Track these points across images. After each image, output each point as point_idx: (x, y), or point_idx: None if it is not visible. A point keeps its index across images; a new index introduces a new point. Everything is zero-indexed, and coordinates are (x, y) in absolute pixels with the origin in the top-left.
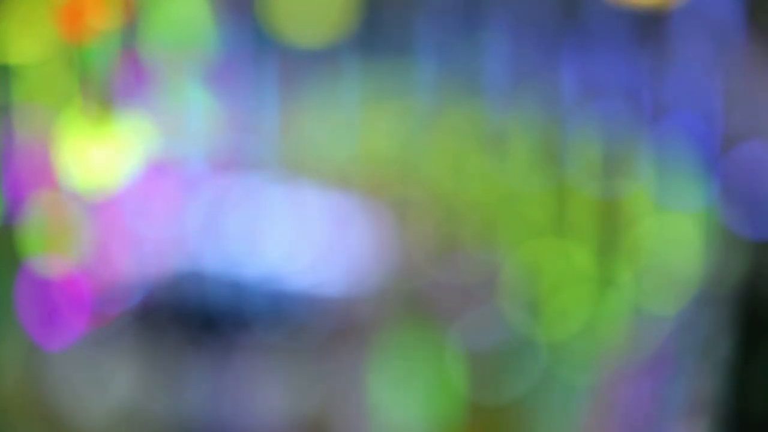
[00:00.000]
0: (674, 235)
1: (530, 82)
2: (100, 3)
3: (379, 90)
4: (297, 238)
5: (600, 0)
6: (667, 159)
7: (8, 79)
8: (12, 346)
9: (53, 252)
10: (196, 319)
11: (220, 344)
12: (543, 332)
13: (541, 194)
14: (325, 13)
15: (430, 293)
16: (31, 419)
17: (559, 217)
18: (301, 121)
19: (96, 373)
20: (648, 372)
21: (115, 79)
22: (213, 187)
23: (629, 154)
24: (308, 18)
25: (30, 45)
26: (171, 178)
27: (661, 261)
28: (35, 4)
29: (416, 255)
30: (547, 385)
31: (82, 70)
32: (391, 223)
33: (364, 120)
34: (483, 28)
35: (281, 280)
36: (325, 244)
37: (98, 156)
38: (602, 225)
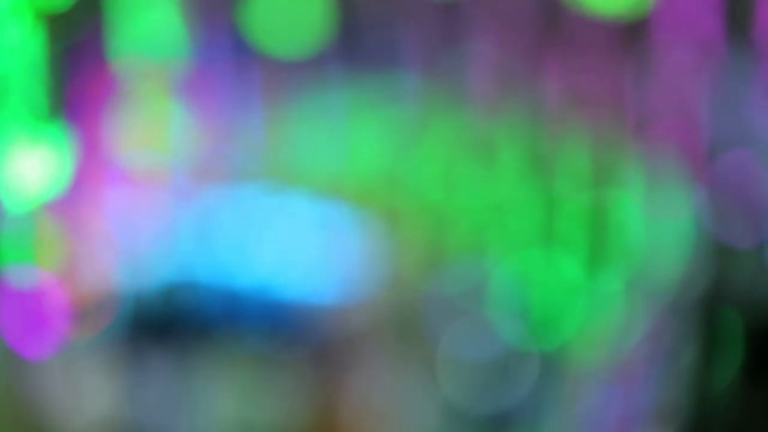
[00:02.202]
0: (661, 243)
1: (516, 91)
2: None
3: (366, 100)
4: (288, 248)
5: (583, 10)
6: (653, 168)
7: None
8: None
9: (31, 262)
10: (189, 329)
11: (212, 354)
12: (533, 342)
13: (529, 204)
14: (304, 23)
15: (420, 303)
16: (15, 429)
17: (548, 227)
18: (289, 132)
19: (83, 384)
20: (627, 379)
21: (83, 89)
22: (204, 198)
23: (615, 163)
24: (287, 28)
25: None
26: (157, 188)
27: (648, 269)
28: None
29: (406, 265)
30: (537, 395)
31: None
32: (380, 233)
33: (351, 130)
34: (468, 38)
35: (273, 290)
36: (316, 254)
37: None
38: (591, 234)
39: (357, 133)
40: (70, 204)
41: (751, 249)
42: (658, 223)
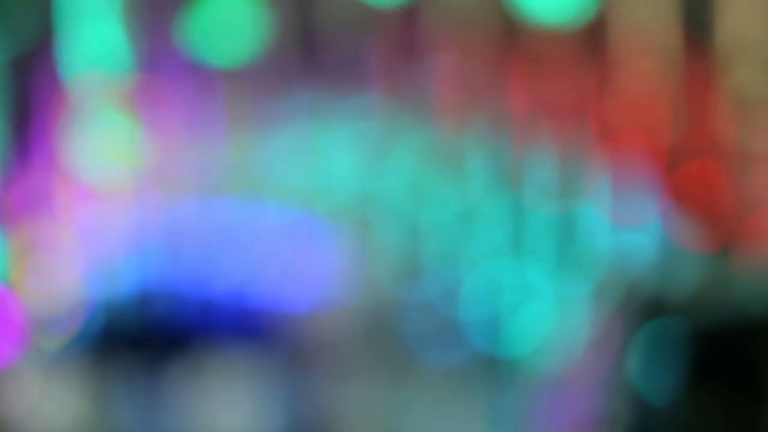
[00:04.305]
0: (624, 251)
1: (481, 104)
2: None
3: (336, 114)
4: (261, 258)
5: (539, 22)
6: (616, 177)
7: None
8: None
9: None
10: (163, 338)
11: (187, 362)
12: (503, 349)
13: (496, 213)
14: (251, 33)
15: (392, 310)
16: None
17: (516, 236)
18: (261, 145)
19: (52, 393)
20: (581, 383)
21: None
22: (177, 209)
23: (580, 173)
24: (234, 39)
25: None
26: (122, 200)
27: (612, 277)
28: None
29: (378, 273)
30: (507, 400)
31: None
32: (352, 242)
33: (322, 143)
34: (431, 52)
35: (246, 299)
36: (289, 263)
37: None
38: (557, 242)
39: (328, 145)
40: (32, 217)
41: (710, 256)
42: (622, 232)
